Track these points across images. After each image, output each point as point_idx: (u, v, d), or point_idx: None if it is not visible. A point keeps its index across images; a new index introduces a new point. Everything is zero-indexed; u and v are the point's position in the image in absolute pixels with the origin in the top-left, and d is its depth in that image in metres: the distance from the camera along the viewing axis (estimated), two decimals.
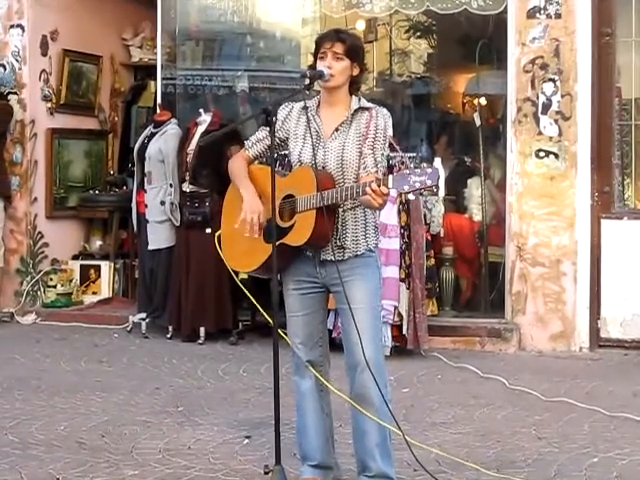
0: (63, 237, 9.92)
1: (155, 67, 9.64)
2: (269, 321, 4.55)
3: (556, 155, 8.09)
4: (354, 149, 4.37)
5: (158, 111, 9.11)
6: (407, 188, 4.11)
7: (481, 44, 9.26)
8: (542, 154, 8.11)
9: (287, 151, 4.59)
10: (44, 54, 9.71)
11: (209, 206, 8.07)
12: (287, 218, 4.40)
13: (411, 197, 7.54)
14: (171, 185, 8.42)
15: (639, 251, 8.04)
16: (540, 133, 8.13)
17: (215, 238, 4.71)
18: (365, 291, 4.38)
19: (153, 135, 8.67)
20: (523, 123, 8.15)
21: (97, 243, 10.22)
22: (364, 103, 4.45)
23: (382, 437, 4.41)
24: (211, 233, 7.50)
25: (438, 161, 8.49)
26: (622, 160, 8.35)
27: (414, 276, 7.73)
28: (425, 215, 8.01)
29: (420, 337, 7.72)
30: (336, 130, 4.41)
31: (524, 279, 8.14)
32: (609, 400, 6.41)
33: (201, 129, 8.33)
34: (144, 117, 10.76)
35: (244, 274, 5.70)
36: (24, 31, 9.50)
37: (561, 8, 8.07)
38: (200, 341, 8.28)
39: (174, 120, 8.77)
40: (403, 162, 7.76)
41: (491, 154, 9.28)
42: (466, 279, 9.12)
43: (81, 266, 9.87)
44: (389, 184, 4.10)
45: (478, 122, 9.14)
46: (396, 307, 7.62)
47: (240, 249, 4.57)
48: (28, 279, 9.55)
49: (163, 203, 8.44)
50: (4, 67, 9.52)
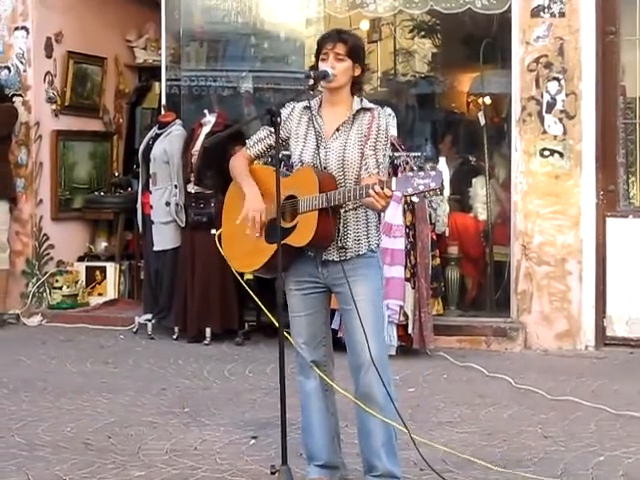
0: (68, 239, 9.93)
1: (159, 68, 9.63)
2: (274, 322, 4.55)
3: (561, 154, 8.08)
4: (355, 149, 4.37)
5: (163, 112, 9.11)
6: (411, 191, 4.11)
7: (485, 43, 9.24)
8: (547, 153, 8.11)
9: (288, 152, 4.58)
10: (49, 56, 9.71)
11: (214, 207, 8.05)
12: (289, 219, 4.39)
13: (415, 199, 7.55)
14: (176, 186, 8.42)
15: None
16: (545, 132, 8.12)
17: (215, 237, 4.70)
18: (367, 290, 4.37)
19: (158, 136, 8.67)
20: (528, 122, 8.14)
21: (102, 244, 10.22)
22: (366, 104, 4.45)
23: (387, 436, 4.41)
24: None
25: (443, 160, 8.47)
26: (627, 158, 8.35)
27: (419, 276, 7.74)
28: (430, 214, 8.01)
29: (426, 336, 7.73)
30: (337, 130, 4.41)
31: (529, 278, 8.14)
32: (615, 398, 6.41)
33: (206, 130, 8.34)
34: (149, 118, 10.76)
35: (249, 274, 5.69)
36: (28, 33, 9.50)
37: (565, 7, 8.07)
38: (206, 342, 8.29)
39: (179, 121, 8.77)
40: (407, 162, 7.77)
41: (496, 153, 9.27)
42: (471, 278, 9.12)
43: (87, 267, 9.88)
44: (392, 186, 4.09)
45: (482, 121, 9.13)
46: (402, 307, 7.62)
47: (241, 249, 4.56)
48: (34, 281, 9.56)
49: (168, 204, 8.44)
50: (9, 69, 9.53)
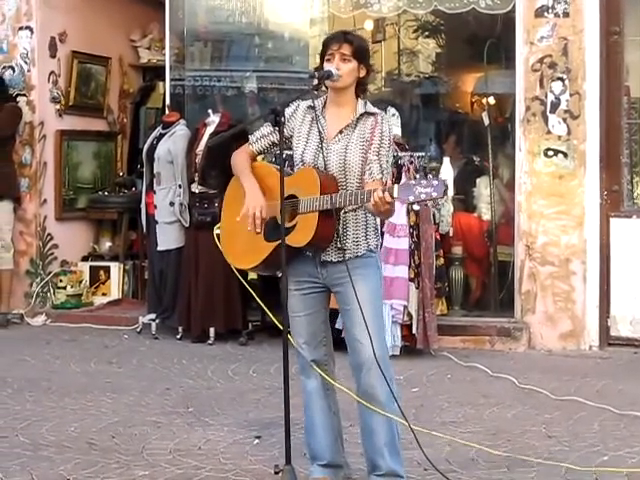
0: (72, 238, 9.94)
1: (163, 68, 9.64)
2: (277, 323, 4.55)
3: (565, 154, 8.08)
4: (357, 153, 4.37)
5: (167, 112, 9.12)
6: (412, 199, 4.11)
7: (489, 43, 9.24)
8: (551, 153, 8.10)
9: (291, 151, 4.58)
10: (53, 56, 9.72)
11: (218, 207, 8.04)
12: (288, 218, 4.37)
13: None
14: (180, 186, 8.42)
15: None
16: (549, 132, 8.12)
17: (214, 233, 4.68)
18: (366, 290, 4.37)
19: (162, 136, 8.67)
20: (532, 122, 8.14)
21: (106, 244, 10.23)
22: (370, 108, 4.45)
23: (391, 436, 4.41)
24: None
25: (447, 160, 8.48)
26: (631, 158, 8.34)
27: (423, 275, 7.73)
28: (434, 214, 8.01)
29: (430, 336, 7.72)
30: (340, 132, 4.41)
31: (533, 278, 8.13)
32: (619, 398, 6.41)
33: (210, 130, 8.34)
34: (153, 118, 10.77)
35: (254, 275, 5.70)
36: (33, 33, 9.51)
37: (569, 7, 8.06)
38: (210, 342, 8.29)
39: (183, 121, 8.77)
40: (412, 162, 7.77)
41: (500, 153, 9.27)
42: (475, 278, 9.11)
43: (91, 267, 9.89)
44: (394, 193, 4.08)
45: (487, 121, 9.14)
46: (405, 307, 7.62)
47: (240, 246, 4.55)
48: (38, 280, 9.57)
49: (172, 204, 8.45)
50: (13, 69, 9.54)
